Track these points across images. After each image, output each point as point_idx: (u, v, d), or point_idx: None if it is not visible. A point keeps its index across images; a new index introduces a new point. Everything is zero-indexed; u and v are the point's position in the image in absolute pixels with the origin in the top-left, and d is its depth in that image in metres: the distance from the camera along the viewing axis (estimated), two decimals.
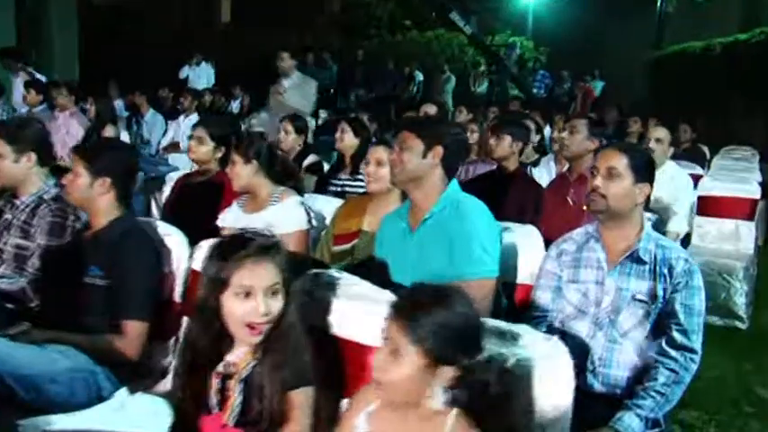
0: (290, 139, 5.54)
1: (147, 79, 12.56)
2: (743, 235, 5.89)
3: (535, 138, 6.14)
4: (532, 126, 6.72)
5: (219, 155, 4.30)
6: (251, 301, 2.10)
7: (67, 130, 7.49)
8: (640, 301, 2.66)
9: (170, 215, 4.42)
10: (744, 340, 5.35)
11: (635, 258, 2.71)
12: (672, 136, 8.27)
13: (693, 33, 14.72)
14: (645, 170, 2.76)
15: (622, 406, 2.56)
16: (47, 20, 14.29)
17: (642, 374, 2.64)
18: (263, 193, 3.85)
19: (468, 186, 4.84)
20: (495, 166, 4.84)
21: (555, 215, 4.10)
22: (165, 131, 8.67)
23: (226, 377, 2.20)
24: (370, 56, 16.50)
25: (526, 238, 3.32)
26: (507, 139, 4.61)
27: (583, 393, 2.63)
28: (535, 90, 15.31)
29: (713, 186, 6.04)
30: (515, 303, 3.26)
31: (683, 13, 16.55)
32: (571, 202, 4.10)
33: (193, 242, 4.28)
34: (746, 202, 5.91)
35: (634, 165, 2.72)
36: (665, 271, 2.66)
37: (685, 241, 6.04)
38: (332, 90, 15.09)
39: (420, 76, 15.11)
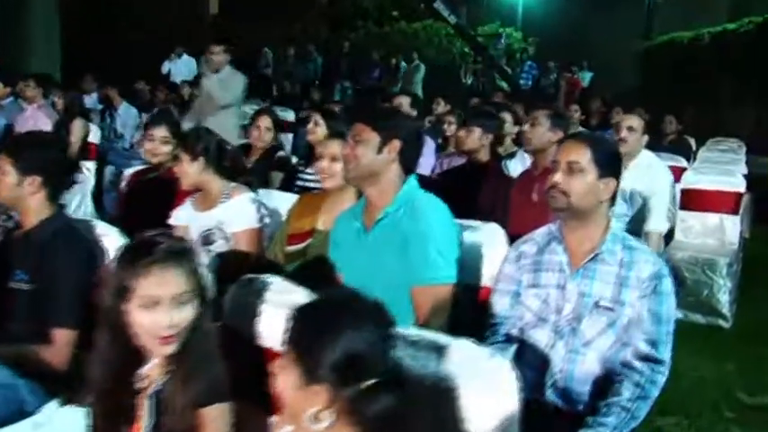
0: (268, 136, 5.30)
1: (134, 72, 12.53)
2: (727, 229, 5.66)
3: (513, 129, 5.89)
4: (509, 118, 6.49)
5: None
6: (157, 312, 1.88)
7: (35, 123, 7.23)
8: (604, 307, 2.43)
9: (123, 213, 4.19)
10: (727, 339, 5.14)
11: (599, 261, 2.48)
12: (656, 128, 8.12)
13: (682, 23, 14.49)
14: (610, 163, 2.52)
15: (584, 423, 2.33)
16: (26, 10, 13.96)
17: (606, 388, 2.40)
18: (213, 191, 3.66)
19: (439, 180, 4.71)
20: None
21: (520, 213, 3.87)
22: (139, 125, 8.41)
23: (137, 392, 2.01)
24: (356, 47, 16.23)
25: (490, 238, 3.08)
26: (477, 131, 4.38)
27: (541, 409, 2.43)
28: (522, 81, 15.07)
29: (697, 180, 5.81)
30: (479, 307, 3.03)
31: (671, 3, 16.31)
32: (536, 199, 3.86)
33: None
34: (731, 196, 5.67)
35: (598, 158, 2.48)
36: (632, 275, 2.43)
37: (669, 236, 5.84)
38: (316, 82, 14.83)
39: (406, 68, 14.85)
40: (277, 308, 2.14)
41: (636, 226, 4.63)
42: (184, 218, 3.76)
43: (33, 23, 14.08)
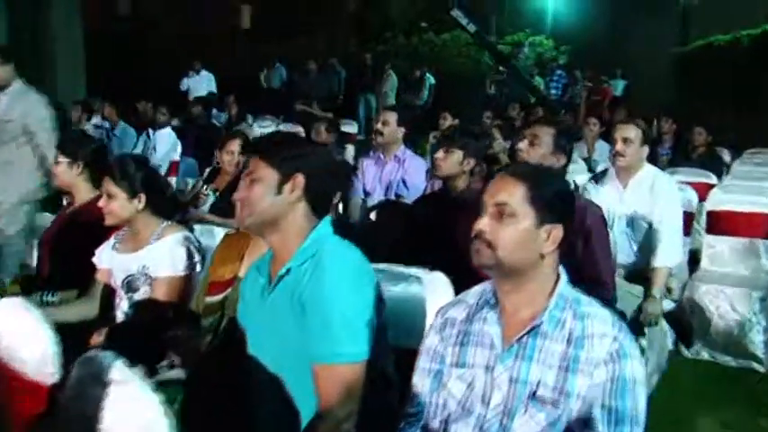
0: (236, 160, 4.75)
1: (165, 88, 12.33)
2: (761, 257, 4.89)
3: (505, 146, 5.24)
4: (498, 134, 5.89)
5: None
6: None
7: None
8: (543, 400, 1.77)
9: (48, 253, 3.63)
10: (761, 385, 4.38)
11: (539, 335, 1.82)
12: (685, 139, 7.36)
13: (720, 27, 13.58)
14: (554, 204, 1.87)
15: None
16: (47, 33, 13.68)
17: None
18: (144, 230, 3.15)
19: (416, 207, 4.06)
20: None
21: None
22: (136, 145, 7.93)
23: None
24: (381, 59, 15.61)
25: (434, 290, 2.43)
26: (457, 154, 3.69)
27: None
28: (553, 91, 14.30)
29: (724, 199, 5.07)
30: None
31: (708, 6, 15.36)
32: None
33: (72, 283, 3.56)
34: (764, 218, 4.91)
35: (535, 197, 1.83)
36: (583, 355, 1.76)
37: (693, 263, 5.11)
38: (340, 97, 14.25)
39: (431, 80, 14.21)
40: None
41: (643, 258, 3.94)
42: (106, 259, 3.23)
43: (53, 47, 13.81)
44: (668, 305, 4.05)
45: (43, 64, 13.73)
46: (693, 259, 5.16)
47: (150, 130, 7.80)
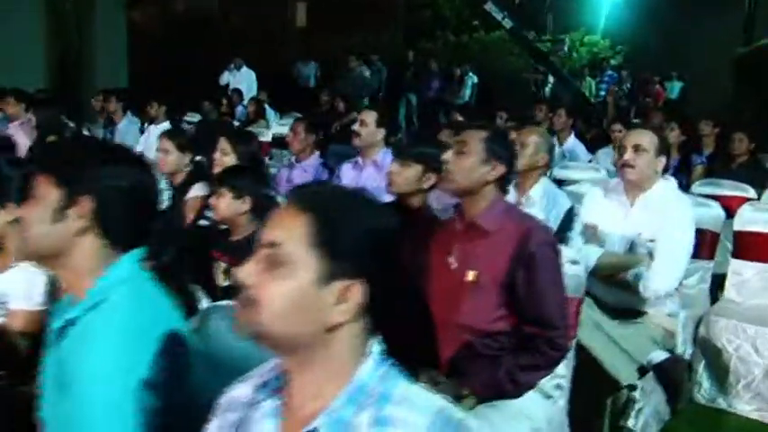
0: (169, 159, 4.17)
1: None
2: None
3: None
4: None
5: None
6: None
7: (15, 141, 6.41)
8: None
9: None
10: None
11: None
12: (727, 147, 6.49)
13: None
14: (356, 249, 1.21)
15: None
16: (89, 24, 13.52)
17: None
18: (10, 248, 2.65)
19: None
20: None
21: (435, 284, 2.54)
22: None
23: None
24: (426, 57, 14.95)
25: None
26: (414, 168, 3.02)
27: None
28: (603, 93, 13.41)
29: (755, 218, 4.26)
30: None
31: None
32: (454, 265, 2.52)
33: None
34: None
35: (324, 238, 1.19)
36: None
37: (716, 288, 4.35)
38: (380, 94, 13.63)
39: (474, 79, 13.46)
40: None
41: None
42: None
43: (95, 37, 13.64)
44: (658, 356, 3.26)
45: (85, 57, 13.69)
46: (717, 287, 4.38)
47: (152, 126, 7.31)
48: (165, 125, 7.32)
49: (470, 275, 2.43)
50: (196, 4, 20.98)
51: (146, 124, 7.52)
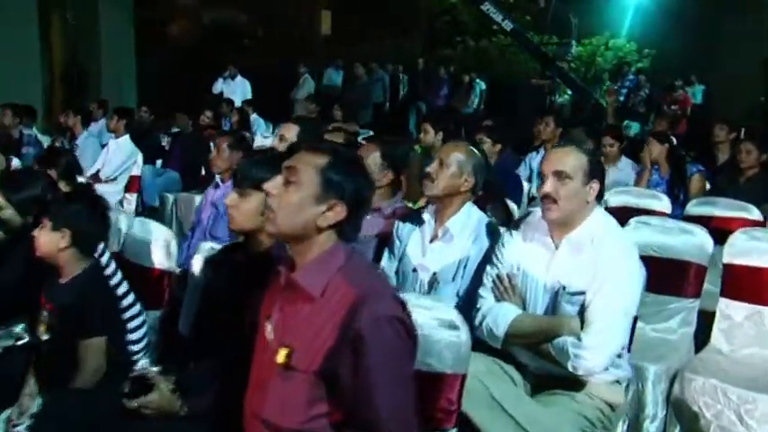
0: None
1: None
2: None
3: None
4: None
5: None
6: None
7: None
8: None
9: None
10: None
11: None
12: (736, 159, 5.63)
13: None
14: None
15: None
16: (93, 36, 13.10)
17: None
18: None
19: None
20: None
21: (256, 356, 1.84)
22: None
23: None
24: (439, 64, 14.24)
25: None
26: (256, 198, 2.31)
27: None
28: (622, 98, 12.48)
29: (748, 248, 3.45)
30: None
31: None
32: (270, 335, 1.82)
33: None
34: None
35: None
36: None
37: (702, 332, 3.59)
38: (386, 104, 12.92)
39: (482, 86, 12.66)
40: None
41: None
42: None
43: (100, 51, 13.22)
44: None
45: (90, 69, 13.30)
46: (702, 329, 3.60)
47: (111, 141, 6.74)
48: (125, 139, 6.79)
49: (281, 355, 1.72)
50: (223, 16, 21.01)
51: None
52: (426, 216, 2.97)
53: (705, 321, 3.62)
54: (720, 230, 4.38)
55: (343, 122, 8.09)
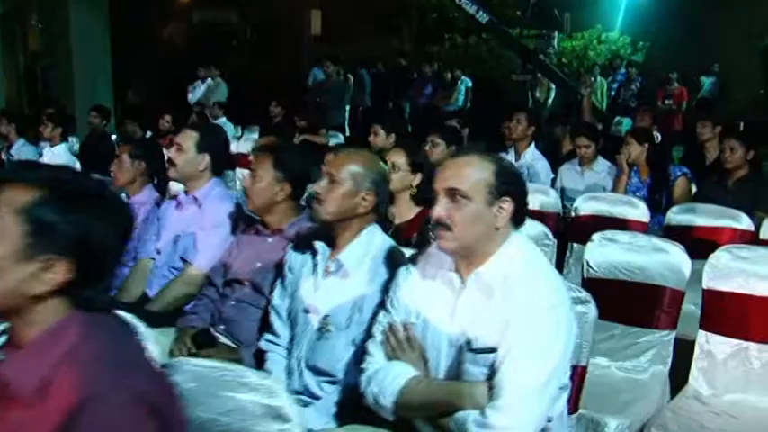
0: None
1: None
2: None
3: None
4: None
5: None
6: None
7: None
8: None
9: None
10: None
11: None
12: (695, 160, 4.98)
13: None
14: None
15: None
16: (63, 40, 12.53)
17: None
18: None
19: None
20: None
21: None
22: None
23: None
24: (423, 62, 13.62)
25: None
26: None
27: None
28: (613, 92, 11.85)
29: (731, 269, 2.82)
30: None
31: None
32: None
33: None
34: None
35: None
36: None
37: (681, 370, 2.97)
38: (368, 104, 12.25)
39: (468, 83, 12.00)
40: None
41: None
42: None
43: (71, 50, 12.64)
44: None
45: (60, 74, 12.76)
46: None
47: (46, 147, 6.15)
48: (61, 148, 6.20)
49: None
50: (214, 16, 20.73)
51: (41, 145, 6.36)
52: (319, 244, 2.34)
53: (685, 351, 3.00)
54: (705, 242, 3.77)
55: (305, 126, 7.47)
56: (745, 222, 3.76)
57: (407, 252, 2.28)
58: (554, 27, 11.03)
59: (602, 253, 3.12)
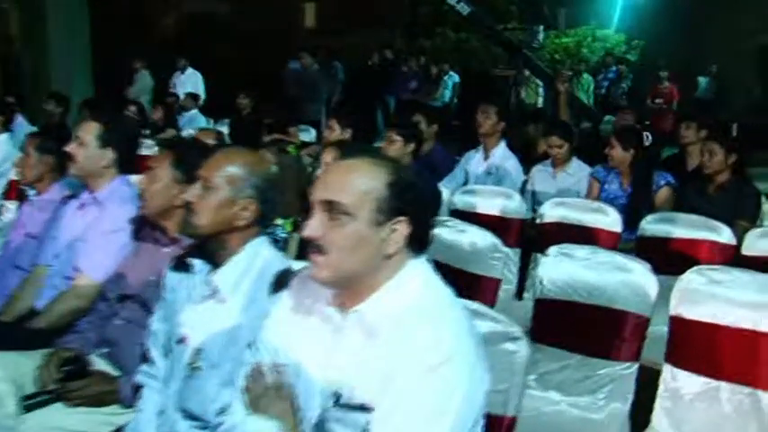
0: None
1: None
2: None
3: None
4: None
5: None
6: None
7: None
8: None
9: None
10: None
11: None
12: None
13: None
14: None
15: None
16: (40, 32, 12.09)
17: None
18: None
19: None
20: None
21: None
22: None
23: None
24: (411, 56, 13.21)
25: None
26: None
27: None
28: (603, 91, 11.44)
29: (702, 294, 2.41)
30: None
31: None
32: None
33: None
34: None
35: None
36: None
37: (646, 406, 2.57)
38: (332, 99, 11.69)
39: (455, 78, 11.56)
40: None
41: None
42: None
43: (49, 38, 12.20)
44: None
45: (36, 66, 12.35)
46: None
47: None
48: (4, 137, 5.79)
49: None
50: (205, 7, 20.44)
51: None
52: (197, 262, 1.93)
53: (651, 384, 2.59)
54: (681, 257, 3.37)
55: (274, 122, 7.04)
56: (725, 235, 3.35)
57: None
58: (540, 22, 10.62)
59: (558, 270, 2.71)
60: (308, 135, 7.69)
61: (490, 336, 1.83)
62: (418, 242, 1.46)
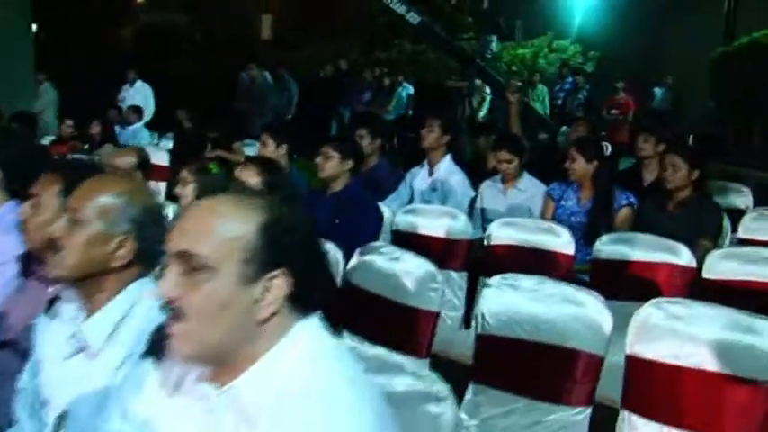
0: None
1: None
2: None
3: None
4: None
5: None
6: None
7: None
8: None
9: None
10: None
11: None
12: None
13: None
14: None
15: None
16: None
17: None
18: None
19: None
20: None
21: None
22: None
23: None
24: (367, 68, 12.97)
25: None
26: None
27: None
28: (560, 101, 11.28)
29: (660, 329, 2.15)
30: None
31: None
32: None
33: None
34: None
35: None
36: None
37: None
38: (288, 115, 11.35)
39: (409, 90, 11.32)
40: None
41: None
42: None
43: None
44: None
45: None
46: None
47: None
48: None
49: None
50: (163, 19, 20.17)
51: None
52: (68, 309, 1.60)
53: (608, 424, 2.31)
54: (638, 281, 3.11)
55: (217, 137, 6.70)
56: (684, 257, 3.09)
57: None
58: (493, 32, 10.42)
59: (501, 302, 2.42)
60: (254, 150, 7.36)
61: (411, 395, 1.53)
62: (305, 299, 1.15)
